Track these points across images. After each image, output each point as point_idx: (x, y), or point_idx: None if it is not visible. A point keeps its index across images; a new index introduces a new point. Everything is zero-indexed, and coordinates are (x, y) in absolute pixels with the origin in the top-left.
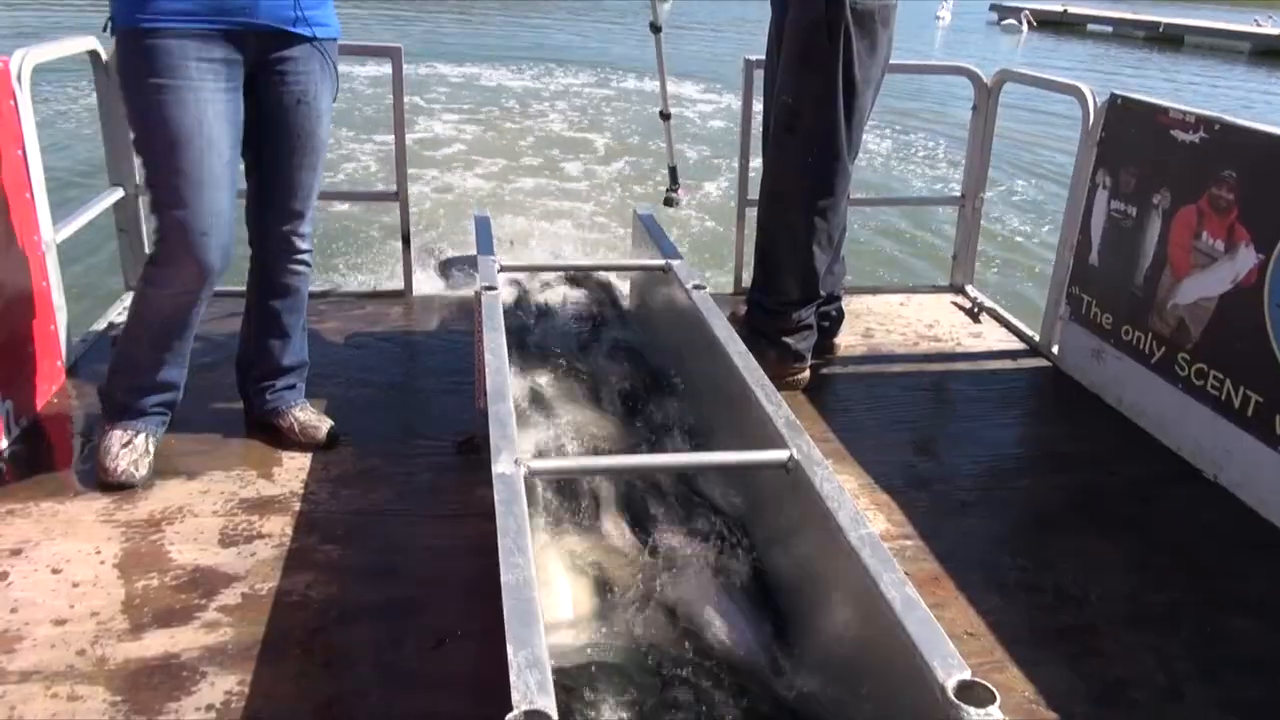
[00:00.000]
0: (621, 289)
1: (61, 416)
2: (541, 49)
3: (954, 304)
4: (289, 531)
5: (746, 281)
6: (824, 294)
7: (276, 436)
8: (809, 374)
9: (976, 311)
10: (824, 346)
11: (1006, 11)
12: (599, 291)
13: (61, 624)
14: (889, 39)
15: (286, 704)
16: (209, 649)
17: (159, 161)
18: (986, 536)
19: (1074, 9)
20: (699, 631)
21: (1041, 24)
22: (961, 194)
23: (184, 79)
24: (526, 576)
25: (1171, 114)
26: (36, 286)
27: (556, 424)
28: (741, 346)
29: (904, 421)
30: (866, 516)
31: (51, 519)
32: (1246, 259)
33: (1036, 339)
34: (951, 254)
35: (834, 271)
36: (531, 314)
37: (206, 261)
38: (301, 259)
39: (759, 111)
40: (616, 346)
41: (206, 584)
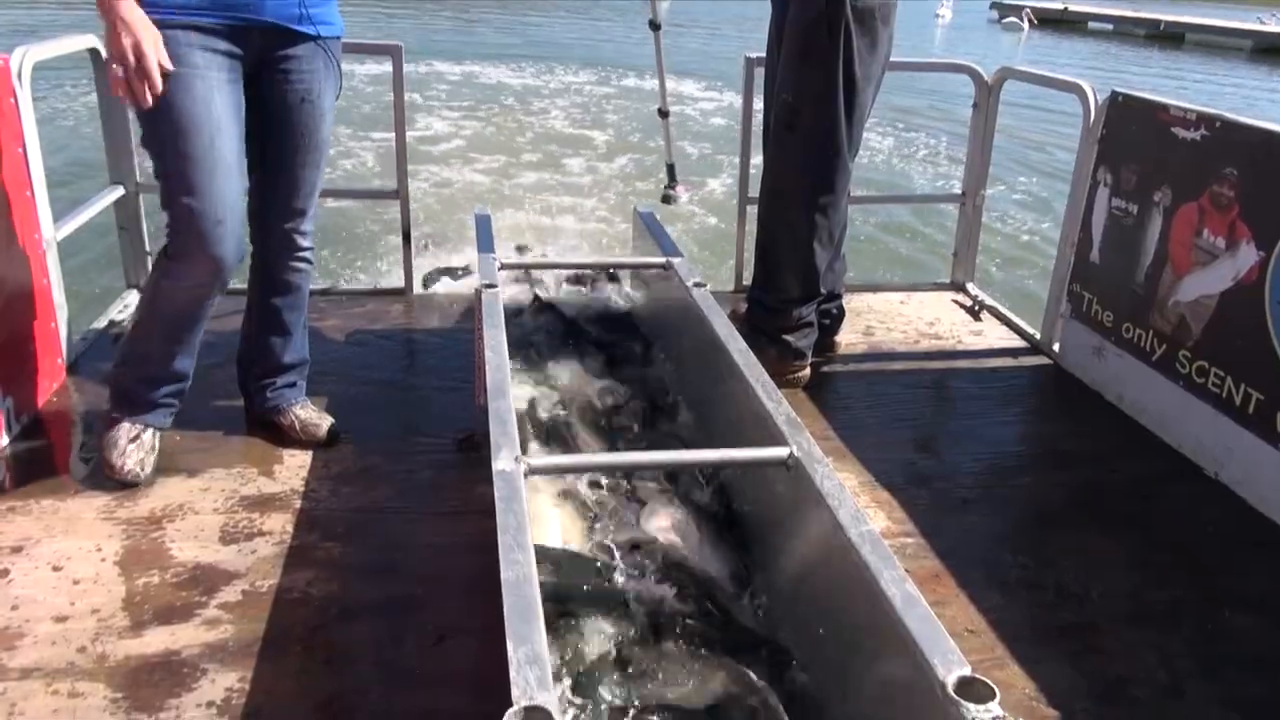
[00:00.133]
0: (622, 286)
1: (62, 414)
2: (541, 47)
3: (955, 302)
4: (289, 529)
5: (747, 279)
6: (824, 291)
7: (277, 434)
8: (809, 372)
9: (977, 309)
10: (825, 344)
11: (1007, 9)
12: (599, 289)
13: (62, 621)
14: (889, 36)
15: (287, 701)
16: (210, 646)
17: (168, 149)
18: (987, 534)
19: (1075, 7)
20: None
21: (1042, 22)
22: (962, 191)
23: (190, 66)
24: (527, 573)
25: (1172, 111)
26: (37, 284)
27: (556, 421)
28: (742, 344)
29: (905, 419)
30: (867, 514)
31: (52, 516)
32: (1247, 256)
33: (1037, 337)
34: (952, 252)
35: (834, 269)
36: (532, 312)
37: (221, 252)
38: (303, 256)
39: (760, 109)
40: (618, 346)
41: (207, 581)
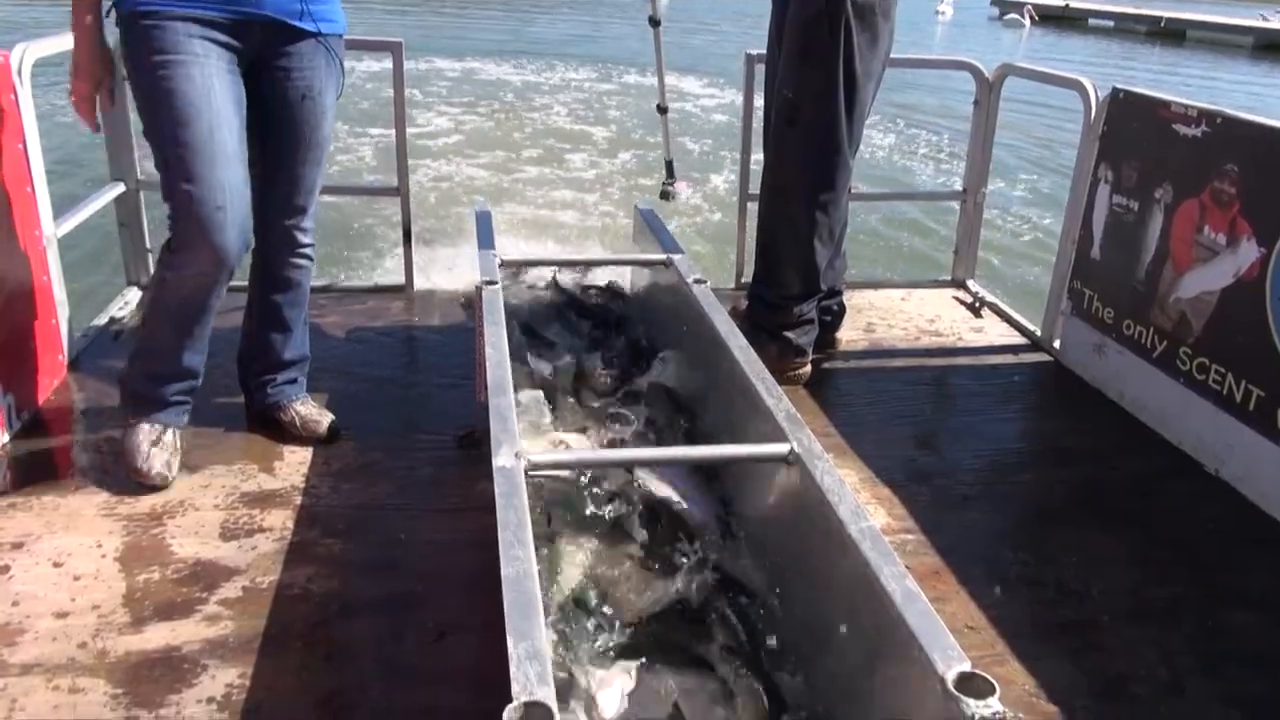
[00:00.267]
0: (623, 283)
1: (63, 411)
2: (541, 44)
3: (955, 299)
4: (290, 525)
5: (748, 276)
6: (825, 288)
7: (278, 431)
8: (810, 369)
9: (978, 306)
10: (825, 341)
11: (1008, 6)
12: (600, 285)
13: (63, 617)
14: (890, 32)
15: (287, 697)
16: (210, 642)
17: (169, 138)
18: (988, 531)
19: (1076, 4)
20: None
21: (1043, 18)
22: (963, 188)
23: (189, 54)
24: (527, 569)
25: (1173, 108)
26: (38, 281)
27: (557, 417)
28: (742, 340)
29: (905, 416)
30: (867, 510)
31: (53, 513)
32: (1248, 253)
33: (1038, 334)
34: (953, 249)
35: (835, 266)
36: (532, 308)
37: (224, 239)
38: (303, 253)
39: (760, 106)
40: (618, 342)
41: (207, 577)
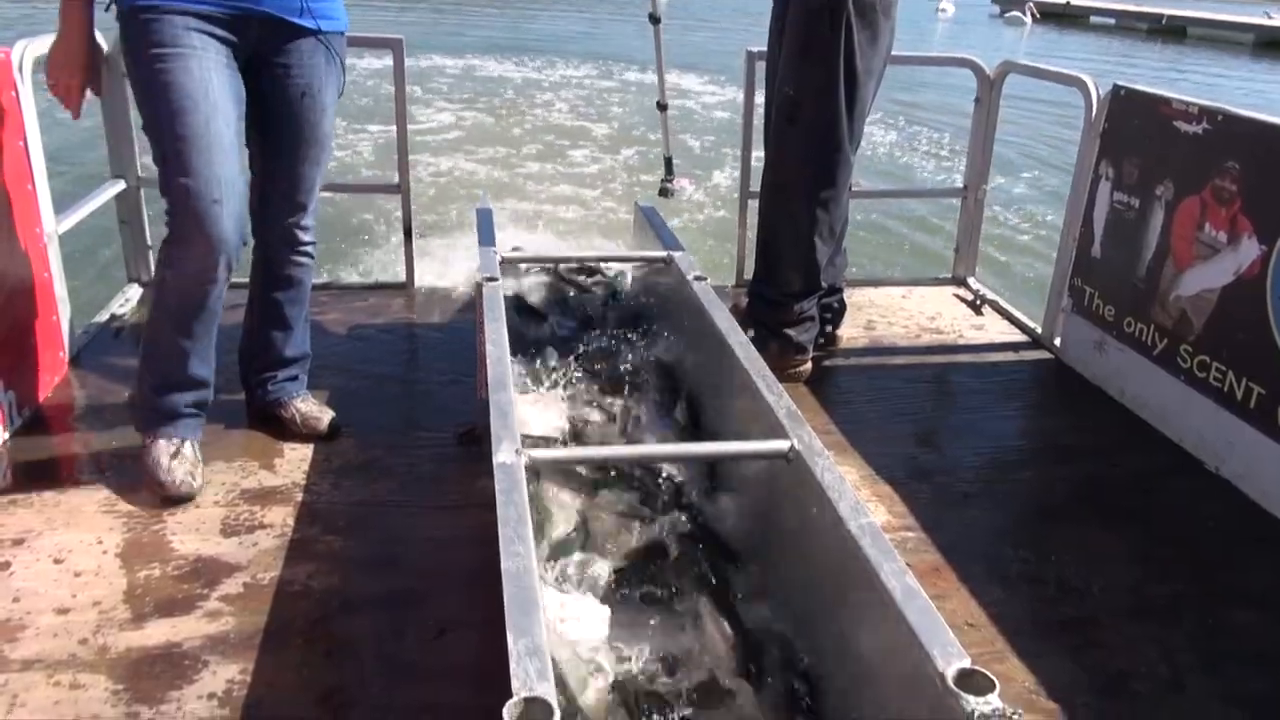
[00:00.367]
0: (624, 279)
1: (64, 407)
2: (542, 41)
3: (956, 296)
4: (290, 522)
5: (749, 274)
6: (826, 285)
7: (278, 427)
8: (810, 366)
9: (979, 304)
10: (826, 338)
11: (1010, 4)
12: (602, 281)
13: (64, 613)
14: (891, 29)
15: (288, 693)
16: (211, 638)
17: (166, 131)
18: (988, 528)
19: (1077, 1)
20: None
21: (1045, 16)
22: (964, 186)
23: (187, 47)
24: (527, 565)
25: (1174, 105)
26: (38, 277)
27: (557, 414)
28: (743, 337)
29: (906, 413)
30: (868, 508)
31: (54, 509)
32: (1249, 250)
33: (1039, 331)
34: (954, 246)
35: (835, 263)
36: (533, 305)
37: (220, 232)
38: (304, 251)
39: (761, 104)
40: (619, 337)
41: (208, 574)
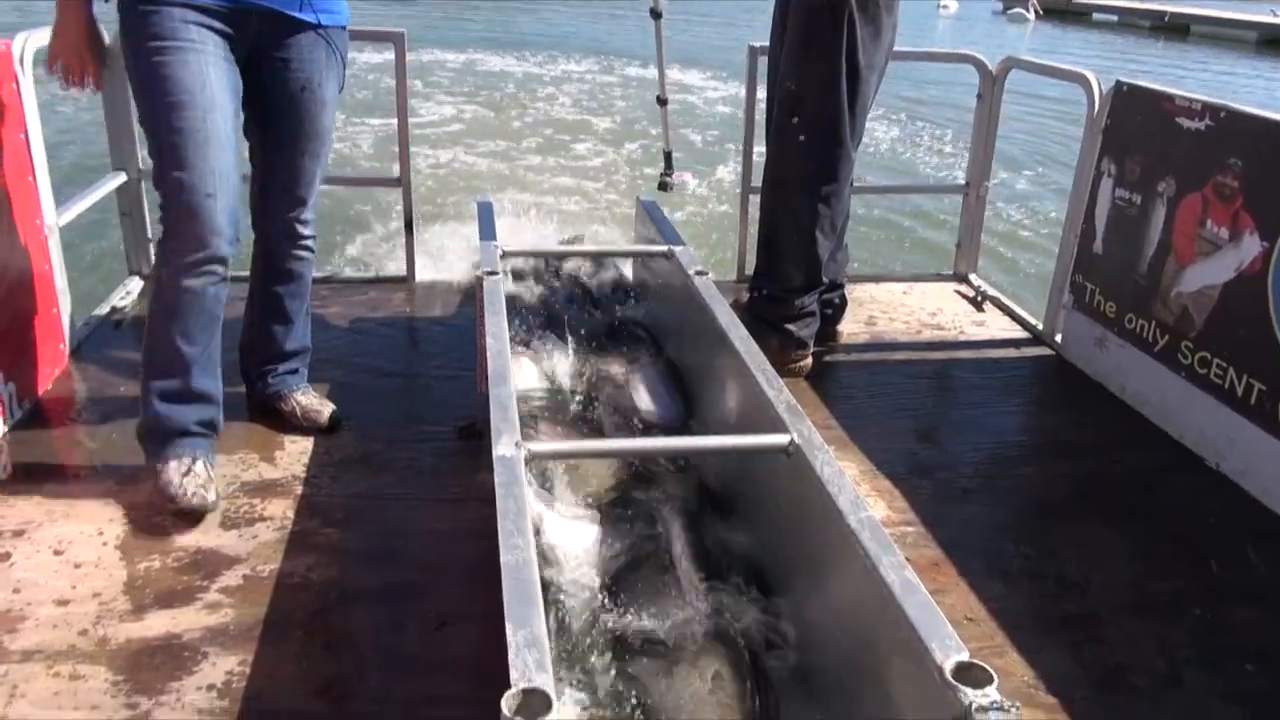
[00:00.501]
0: (625, 274)
1: (64, 399)
2: (543, 36)
3: (957, 292)
4: (290, 515)
5: (750, 269)
6: (827, 281)
7: (278, 420)
8: (811, 361)
9: (980, 300)
10: (827, 334)
11: (1013, 0)
12: (602, 276)
13: (64, 604)
14: (893, 25)
15: (288, 685)
16: (210, 630)
17: (162, 124)
18: (989, 524)
19: None
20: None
21: (1047, 13)
22: (966, 182)
23: (185, 40)
24: (526, 557)
25: (1177, 101)
26: (39, 270)
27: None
28: (743, 331)
29: (906, 409)
30: (867, 502)
31: (54, 501)
32: (1251, 247)
33: (1040, 327)
34: (955, 242)
35: (837, 258)
36: (534, 299)
37: (214, 226)
38: (304, 244)
39: (763, 99)
40: (619, 330)
41: (208, 566)
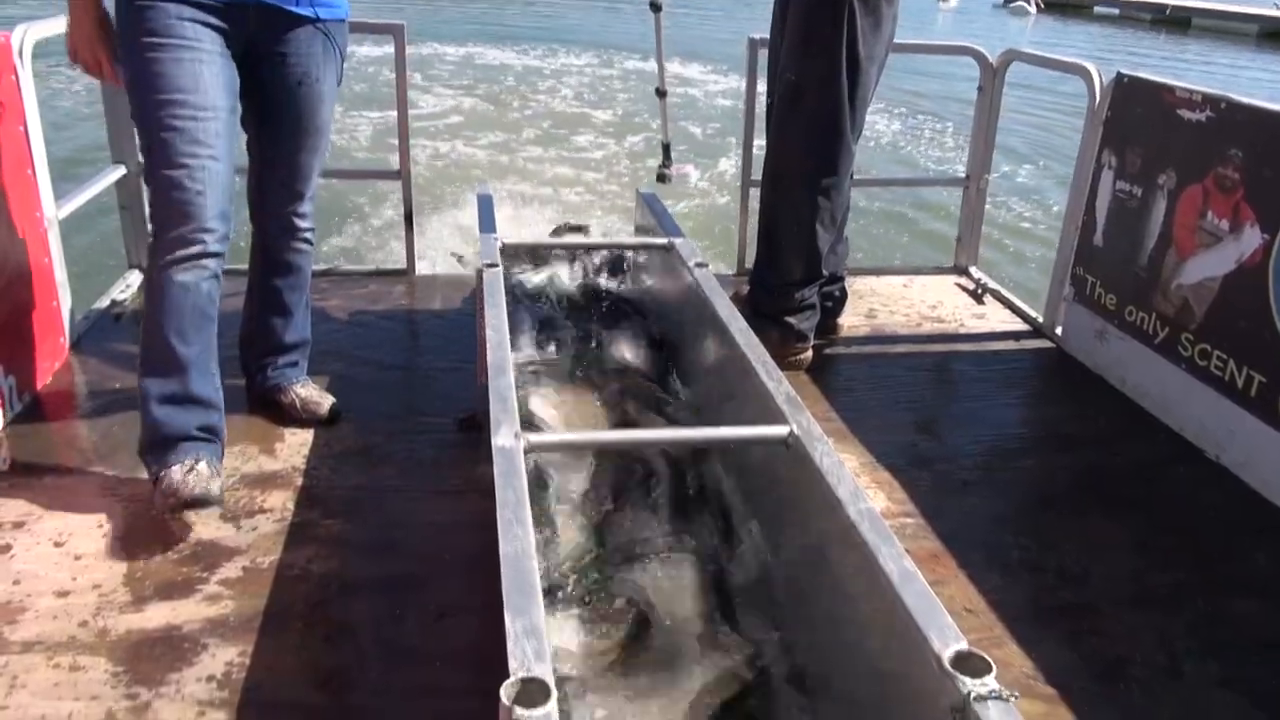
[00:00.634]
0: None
1: (64, 392)
2: (544, 30)
3: (958, 285)
4: (290, 506)
5: (750, 263)
6: (827, 274)
7: (278, 413)
8: (811, 354)
9: (980, 293)
10: (827, 327)
11: None
12: (603, 268)
13: (64, 596)
14: (893, 17)
15: (288, 677)
16: (210, 621)
17: (152, 121)
18: (988, 516)
19: None
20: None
21: (1049, 6)
22: (966, 175)
23: (179, 38)
24: (525, 548)
25: (1178, 93)
26: (39, 263)
27: (558, 398)
28: (743, 324)
29: (906, 402)
30: (867, 494)
31: (54, 492)
32: (1251, 239)
33: (1040, 320)
34: (956, 235)
35: (837, 251)
36: (534, 291)
37: (205, 223)
38: (303, 237)
39: (764, 92)
40: (619, 321)
41: (208, 557)
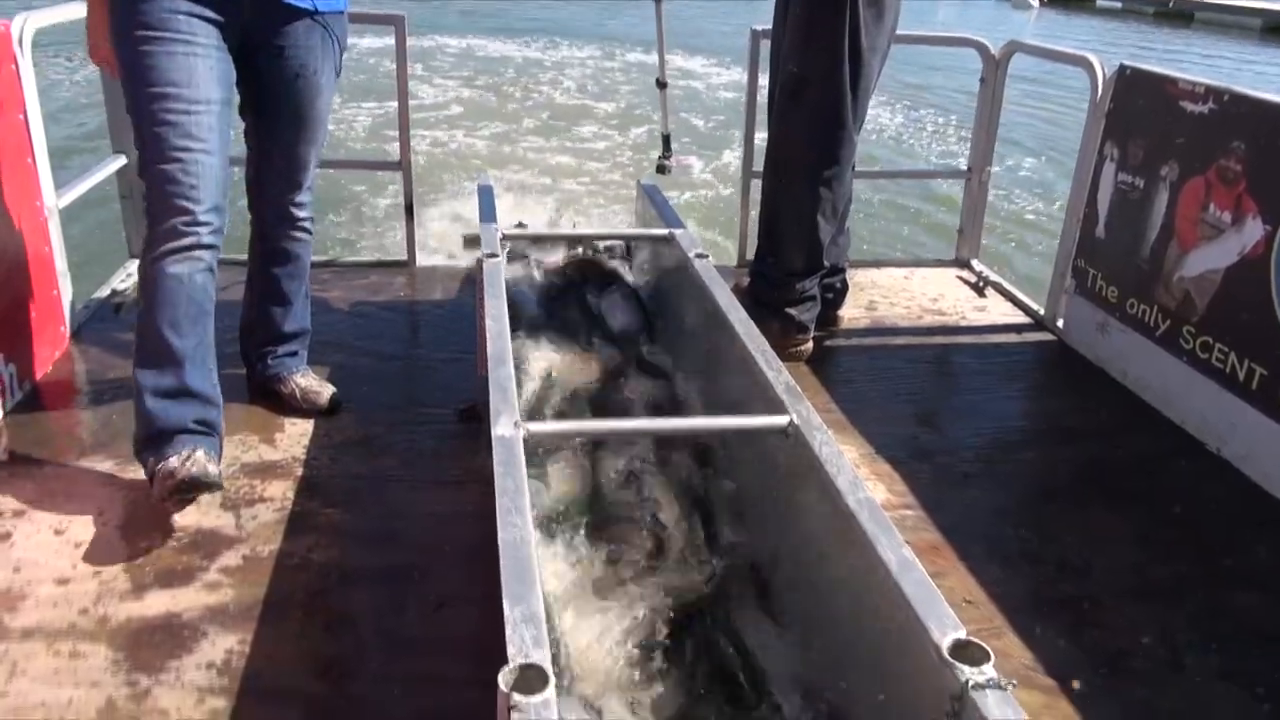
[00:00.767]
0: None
1: (64, 381)
2: (545, 22)
3: (959, 278)
4: (290, 496)
5: (751, 255)
6: (828, 265)
7: (278, 403)
8: (812, 345)
9: (981, 285)
10: (827, 318)
11: None
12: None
13: (64, 583)
14: (895, 7)
15: (287, 665)
16: (210, 609)
17: (146, 114)
18: (989, 508)
19: None
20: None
21: (1051, 0)
22: (968, 167)
23: (173, 31)
24: (524, 535)
25: (1180, 85)
26: (39, 252)
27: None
28: (743, 314)
29: (907, 394)
30: (866, 485)
31: (54, 481)
32: (1254, 231)
33: (1041, 313)
34: (957, 228)
35: (838, 243)
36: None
37: (198, 217)
38: (301, 226)
39: (765, 84)
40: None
41: (208, 546)
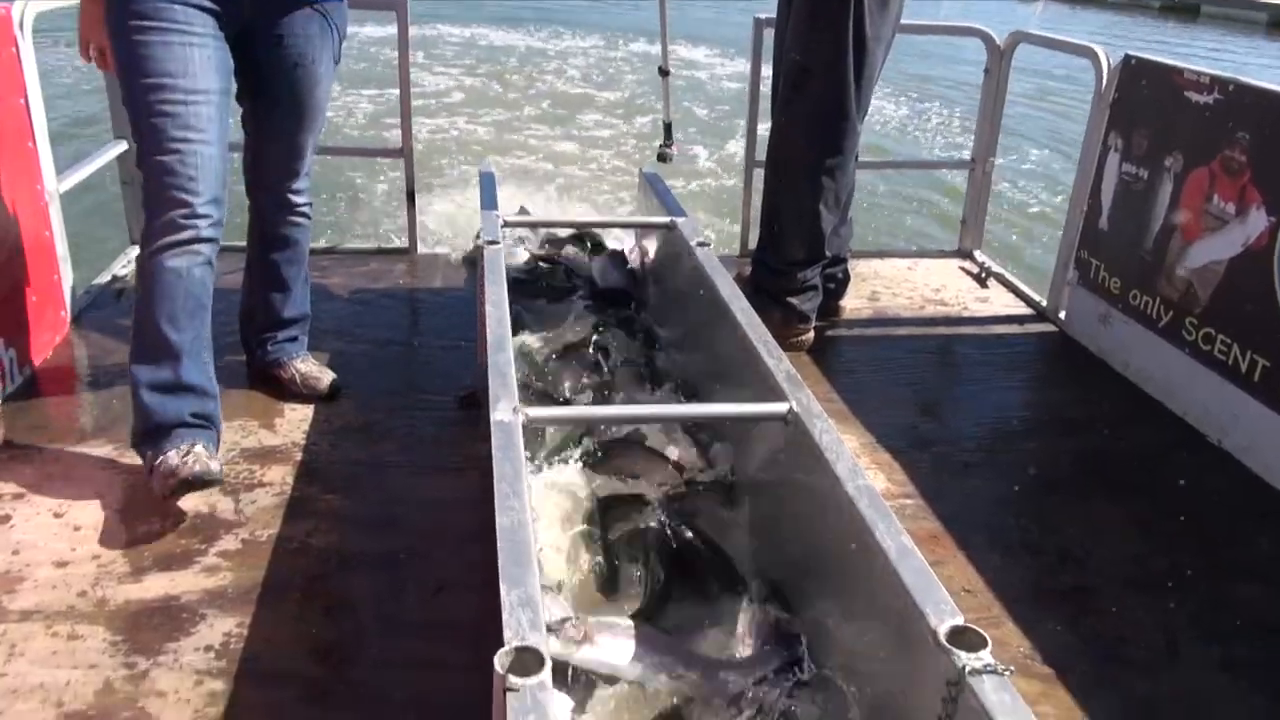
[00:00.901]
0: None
1: (64, 365)
2: (547, 10)
3: (962, 269)
4: (290, 480)
5: (754, 244)
6: (830, 255)
7: (278, 388)
8: (813, 335)
9: (984, 276)
10: (829, 308)
11: None
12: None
13: (63, 566)
14: None
15: (286, 648)
16: (209, 592)
17: (142, 106)
18: (990, 498)
19: None
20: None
21: None
22: (971, 158)
23: (168, 21)
24: (521, 519)
25: (1186, 75)
26: (39, 236)
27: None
28: (744, 302)
29: (908, 384)
30: (866, 473)
31: (54, 464)
32: (1257, 222)
33: (1044, 304)
34: (960, 219)
35: (841, 233)
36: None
37: (196, 209)
38: (300, 212)
39: (768, 76)
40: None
41: (207, 529)
